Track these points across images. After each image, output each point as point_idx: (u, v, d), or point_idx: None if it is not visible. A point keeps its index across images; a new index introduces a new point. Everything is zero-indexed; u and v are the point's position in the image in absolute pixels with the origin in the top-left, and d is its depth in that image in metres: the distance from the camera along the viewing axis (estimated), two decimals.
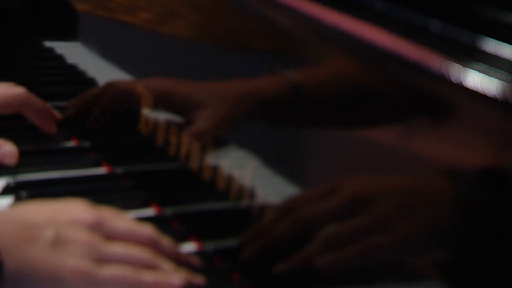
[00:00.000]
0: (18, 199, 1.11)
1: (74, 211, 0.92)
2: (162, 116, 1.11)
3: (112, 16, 1.28)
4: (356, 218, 0.81)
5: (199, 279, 0.92)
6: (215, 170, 1.02)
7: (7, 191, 1.13)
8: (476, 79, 0.66)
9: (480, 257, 0.69)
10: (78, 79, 1.32)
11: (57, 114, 1.29)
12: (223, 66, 1.04)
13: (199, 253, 1.01)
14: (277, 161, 0.96)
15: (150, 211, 1.11)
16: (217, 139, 1.03)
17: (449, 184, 0.72)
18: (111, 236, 0.90)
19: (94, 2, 1.29)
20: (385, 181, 0.81)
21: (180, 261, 0.95)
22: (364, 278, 0.85)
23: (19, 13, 1.55)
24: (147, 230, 0.94)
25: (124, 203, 1.11)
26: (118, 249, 0.88)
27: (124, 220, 0.94)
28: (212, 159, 1.03)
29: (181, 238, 1.04)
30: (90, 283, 0.85)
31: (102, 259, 0.86)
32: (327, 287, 0.89)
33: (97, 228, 0.90)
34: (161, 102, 1.12)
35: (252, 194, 0.96)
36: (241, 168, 0.99)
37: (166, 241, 0.95)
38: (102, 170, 1.21)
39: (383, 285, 0.84)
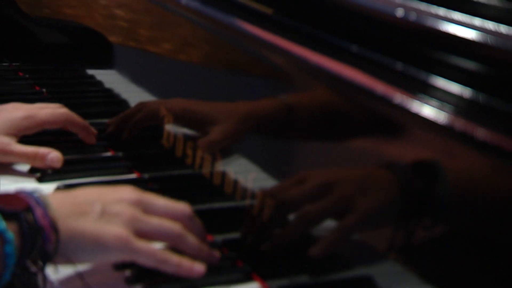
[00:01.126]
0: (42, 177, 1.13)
1: (120, 191, 0.94)
2: (181, 131, 1.12)
3: (140, 46, 1.28)
4: (322, 198, 0.85)
5: (216, 254, 0.95)
6: (223, 174, 1.03)
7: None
8: (426, 108, 0.69)
9: (411, 228, 0.75)
10: (113, 101, 1.33)
11: (93, 130, 1.30)
12: (230, 90, 1.05)
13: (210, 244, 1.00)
14: (272, 165, 0.97)
15: None
16: (224, 149, 1.03)
17: (387, 175, 0.79)
18: (149, 211, 0.91)
19: (126, 35, 1.28)
20: (341, 173, 0.87)
21: (205, 238, 0.97)
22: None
23: (66, 47, 1.55)
24: (182, 207, 0.95)
25: None
26: (154, 221, 0.90)
27: (161, 199, 0.95)
28: (220, 166, 1.04)
29: None
30: (126, 249, 0.87)
31: (141, 230, 0.88)
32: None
33: (138, 205, 0.91)
34: (180, 119, 1.13)
35: (252, 194, 0.98)
36: (243, 172, 1.00)
37: (196, 219, 0.96)
38: (132, 175, 1.22)
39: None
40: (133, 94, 1.30)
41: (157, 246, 0.91)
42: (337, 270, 0.87)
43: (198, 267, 0.88)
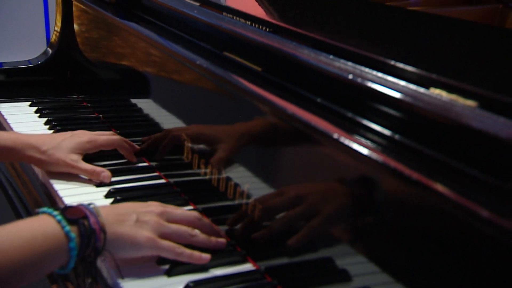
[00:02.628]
0: (114, 201, 1.12)
1: (149, 205, 0.97)
2: (196, 148, 1.11)
3: (168, 76, 1.28)
4: (297, 207, 0.87)
5: (222, 243, 0.97)
6: (227, 180, 1.03)
7: (109, 195, 1.15)
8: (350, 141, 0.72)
9: (361, 226, 0.78)
10: (149, 123, 1.32)
11: (136, 147, 1.31)
12: (231, 114, 1.04)
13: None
14: (262, 170, 0.97)
15: (189, 207, 1.12)
16: (227, 160, 1.04)
17: (343, 188, 0.80)
18: (170, 220, 0.95)
19: (158, 67, 1.28)
20: (311, 187, 0.88)
21: (213, 232, 0.99)
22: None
23: (117, 82, 1.55)
24: (192, 214, 1.00)
25: (174, 202, 1.11)
26: (173, 227, 0.93)
27: (179, 211, 0.99)
28: (225, 172, 1.04)
29: None
30: (153, 247, 0.90)
31: (163, 233, 0.92)
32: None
33: (162, 215, 0.94)
34: (195, 140, 1.13)
35: (248, 194, 0.98)
36: (241, 177, 1.00)
37: (204, 220, 1.01)
38: (162, 180, 1.22)
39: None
40: (164, 118, 1.29)
41: None
42: (305, 253, 0.87)
43: (205, 256, 0.92)
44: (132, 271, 0.91)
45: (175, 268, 0.91)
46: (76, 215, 0.85)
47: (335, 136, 0.74)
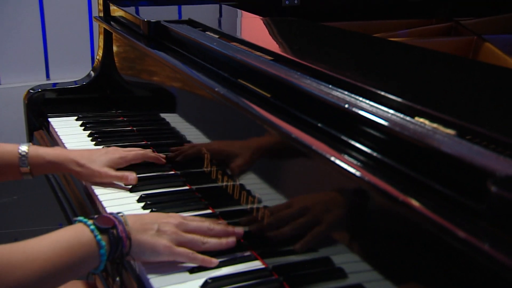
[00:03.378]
0: (145, 205, 1.11)
1: (169, 217, 0.95)
2: (214, 161, 1.11)
3: (191, 90, 1.26)
4: (303, 216, 0.86)
5: (233, 241, 0.97)
6: (241, 186, 1.02)
7: (141, 199, 1.14)
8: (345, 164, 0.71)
9: (353, 231, 0.77)
10: (176, 136, 1.31)
11: (162, 156, 1.31)
12: (244, 130, 1.03)
13: None
14: (270, 181, 0.96)
15: (208, 211, 1.11)
16: (242, 170, 1.03)
17: (337, 199, 0.80)
18: (187, 230, 0.94)
19: (184, 87, 1.26)
20: (311, 198, 0.87)
21: (226, 234, 0.98)
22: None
23: (148, 99, 1.54)
24: (205, 225, 0.97)
25: (196, 206, 1.11)
26: (188, 236, 0.93)
27: (194, 223, 0.97)
28: (239, 181, 1.03)
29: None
30: (170, 254, 0.90)
31: (180, 242, 0.91)
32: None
33: (180, 226, 0.93)
34: (214, 154, 1.13)
35: (258, 200, 0.97)
36: (251, 185, 0.99)
37: (217, 226, 0.98)
38: (186, 187, 1.21)
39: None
40: (187, 131, 1.28)
41: None
42: (307, 253, 0.86)
43: (214, 261, 0.92)
44: (159, 268, 0.91)
45: (196, 266, 0.91)
46: (107, 224, 0.86)
47: (332, 158, 0.73)
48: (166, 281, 0.88)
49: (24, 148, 1.14)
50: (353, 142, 0.76)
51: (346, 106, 0.76)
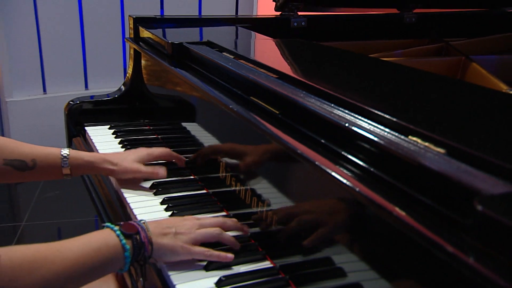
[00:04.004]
0: (167, 207, 1.10)
1: (185, 220, 0.95)
2: (228, 168, 1.10)
3: (209, 106, 1.25)
4: (311, 220, 0.84)
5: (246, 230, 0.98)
6: (252, 191, 1.01)
7: (164, 202, 1.13)
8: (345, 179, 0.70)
9: (352, 235, 0.75)
10: (195, 143, 1.30)
11: (183, 158, 1.30)
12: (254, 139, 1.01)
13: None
14: (279, 185, 0.95)
15: (223, 213, 1.09)
16: (250, 172, 1.02)
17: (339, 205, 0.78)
18: (202, 226, 0.93)
19: (202, 100, 1.23)
20: (315, 204, 0.85)
21: (238, 229, 0.98)
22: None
23: (171, 109, 1.52)
24: (218, 220, 0.97)
25: (212, 208, 1.10)
26: (202, 232, 0.92)
27: (208, 220, 0.97)
28: (248, 184, 1.02)
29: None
30: (188, 253, 0.89)
31: (196, 240, 0.90)
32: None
33: (194, 226, 0.92)
34: (228, 155, 1.12)
35: (268, 204, 0.95)
36: (263, 189, 0.98)
37: (229, 221, 0.99)
38: (204, 191, 1.19)
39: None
40: (205, 138, 1.27)
41: None
42: (311, 254, 0.84)
43: (230, 255, 0.90)
44: (178, 265, 0.89)
45: (211, 264, 0.89)
46: (131, 231, 0.85)
47: (333, 173, 0.71)
48: (184, 277, 0.87)
49: (65, 151, 1.15)
50: (351, 157, 0.74)
51: (346, 124, 0.75)
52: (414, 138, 0.68)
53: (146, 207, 1.11)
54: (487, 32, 1.79)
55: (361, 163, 0.72)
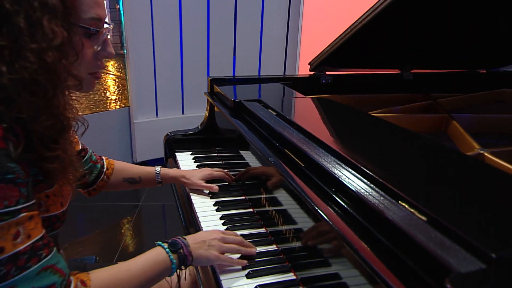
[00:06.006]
0: (224, 222, 1.05)
1: (214, 233, 0.88)
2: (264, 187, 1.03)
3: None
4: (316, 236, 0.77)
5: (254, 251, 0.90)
6: (283, 215, 0.94)
7: (215, 205, 1.10)
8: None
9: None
10: (246, 165, 1.23)
11: (232, 177, 1.27)
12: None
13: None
14: (297, 216, 0.86)
15: (262, 229, 1.02)
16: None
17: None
18: (226, 242, 0.88)
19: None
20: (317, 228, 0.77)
21: (248, 247, 0.90)
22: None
23: (231, 140, 1.47)
24: (238, 239, 0.90)
25: (255, 224, 1.03)
26: (228, 246, 0.87)
27: (231, 235, 0.90)
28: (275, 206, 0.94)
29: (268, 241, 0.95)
30: (218, 260, 0.84)
31: (223, 250, 0.86)
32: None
33: (222, 240, 0.87)
34: (264, 176, 1.05)
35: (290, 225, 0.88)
36: (286, 216, 0.91)
37: (246, 242, 0.91)
38: (250, 210, 1.13)
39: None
40: (255, 164, 1.20)
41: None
42: (323, 269, 0.77)
43: (244, 262, 0.86)
44: (226, 270, 0.85)
45: (250, 274, 0.84)
46: (176, 247, 0.80)
47: (337, 227, 0.64)
48: (231, 282, 0.82)
49: (158, 169, 1.20)
50: (351, 211, 0.67)
51: (356, 192, 0.67)
52: (403, 204, 0.59)
53: (203, 207, 1.13)
54: (466, 87, 1.65)
55: (359, 218, 0.65)
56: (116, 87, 3.13)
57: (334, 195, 0.72)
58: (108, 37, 0.73)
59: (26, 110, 0.59)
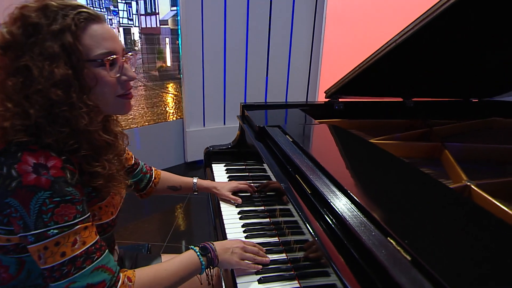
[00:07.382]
0: (245, 230, 1.01)
1: (237, 243, 0.85)
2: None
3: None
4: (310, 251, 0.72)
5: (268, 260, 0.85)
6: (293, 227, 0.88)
7: (243, 226, 1.04)
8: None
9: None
10: (268, 177, 1.18)
11: (253, 188, 1.21)
12: None
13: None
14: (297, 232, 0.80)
15: (275, 238, 0.97)
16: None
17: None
18: (246, 250, 0.84)
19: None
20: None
21: (263, 256, 0.85)
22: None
23: (242, 154, 1.43)
24: (256, 248, 0.86)
25: (270, 232, 0.98)
26: (247, 255, 0.83)
27: (250, 246, 0.85)
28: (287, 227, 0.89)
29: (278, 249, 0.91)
30: (239, 265, 0.81)
31: (243, 257, 0.82)
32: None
33: (242, 249, 0.84)
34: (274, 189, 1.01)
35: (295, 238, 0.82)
36: (293, 229, 0.85)
37: (262, 252, 0.86)
38: (267, 219, 1.08)
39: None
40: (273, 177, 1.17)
41: None
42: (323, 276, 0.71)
43: (259, 266, 0.82)
44: (242, 272, 0.82)
45: (262, 280, 0.80)
46: (205, 251, 0.78)
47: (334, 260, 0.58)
48: (245, 286, 0.79)
49: (195, 180, 1.18)
50: (348, 245, 0.61)
51: (350, 225, 0.61)
52: (391, 240, 0.53)
53: (229, 214, 1.09)
54: (460, 114, 1.52)
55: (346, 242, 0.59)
56: (173, 103, 3.21)
57: (332, 225, 0.67)
58: (128, 63, 0.67)
59: (67, 139, 0.60)
